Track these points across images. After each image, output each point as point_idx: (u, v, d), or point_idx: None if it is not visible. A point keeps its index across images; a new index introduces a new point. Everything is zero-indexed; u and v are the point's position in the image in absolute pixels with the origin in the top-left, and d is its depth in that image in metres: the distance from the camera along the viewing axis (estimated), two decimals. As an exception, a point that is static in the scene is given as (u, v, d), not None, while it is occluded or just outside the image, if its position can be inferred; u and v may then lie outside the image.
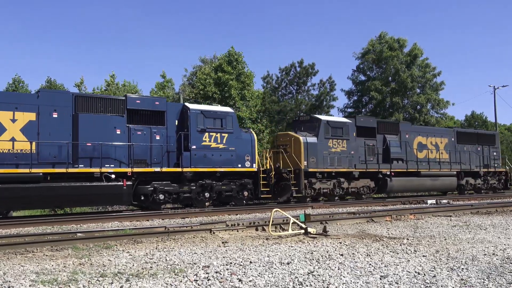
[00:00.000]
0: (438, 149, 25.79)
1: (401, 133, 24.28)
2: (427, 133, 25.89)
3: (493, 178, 28.70)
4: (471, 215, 14.48)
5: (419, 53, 41.88)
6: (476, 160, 27.56)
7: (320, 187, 20.72)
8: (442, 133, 26.87)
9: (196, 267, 6.42)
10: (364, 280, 5.59)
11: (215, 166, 17.77)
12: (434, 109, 42.69)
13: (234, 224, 11.17)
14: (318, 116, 21.84)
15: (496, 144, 29.84)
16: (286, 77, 43.86)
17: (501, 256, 7.15)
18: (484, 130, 33.72)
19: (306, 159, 20.20)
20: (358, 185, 22.11)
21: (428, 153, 25.16)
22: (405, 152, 23.91)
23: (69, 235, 10.15)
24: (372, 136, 22.98)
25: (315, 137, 20.77)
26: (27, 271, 6.31)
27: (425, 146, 25.21)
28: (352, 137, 21.94)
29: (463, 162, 26.70)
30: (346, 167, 21.44)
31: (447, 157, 26.10)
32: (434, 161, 25.34)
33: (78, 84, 36.45)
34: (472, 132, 29.32)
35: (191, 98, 32.22)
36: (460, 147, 27.02)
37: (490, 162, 28.62)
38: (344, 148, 21.56)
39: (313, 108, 41.46)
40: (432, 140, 25.77)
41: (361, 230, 10.67)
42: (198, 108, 18.10)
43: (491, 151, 29.10)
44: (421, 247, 8.02)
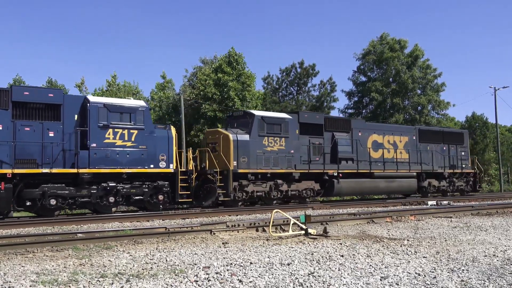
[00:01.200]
0: (397, 148, 24.02)
1: (353, 130, 22.48)
2: (384, 131, 24.06)
3: (460, 180, 26.94)
4: (471, 216, 14.47)
5: (420, 54, 41.88)
6: (440, 160, 25.80)
7: (253, 190, 18.84)
8: (402, 131, 25.02)
9: (197, 267, 6.41)
10: (365, 281, 5.59)
11: (121, 167, 15.78)
12: (435, 110, 42.68)
13: (235, 225, 11.17)
14: (252, 111, 20.00)
15: (464, 144, 28.05)
16: (286, 78, 43.89)
17: (502, 258, 7.14)
18: (451, 128, 31.04)
19: (236, 159, 18.28)
20: (300, 187, 20.22)
21: (384, 153, 23.35)
22: (355, 152, 22.14)
23: (69, 235, 10.15)
24: (318, 134, 21.20)
25: (247, 134, 18.81)
26: (27, 271, 6.31)
27: (381, 145, 23.43)
28: (294, 135, 20.09)
29: (425, 163, 24.94)
30: (284, 168, 19.51)
31: (407, 157, 24.32)
32: (391, 161, 23.57)
33: (78, 84, 36.49)
34: (437, 131, 27.39)
35: (192, 99, 32.24)
36: (422, 146, 25.32)
37: (457, 162, 26.88)
38: (283, 146, 19.63)
39: (314, 109, 41.45)
40: (389, 139, 23.96)
41: (361, 231, 10.66)
42: (101, 101, 16.14)
43: (459, 151, 27.32)
44: (421, 248, 8.01)
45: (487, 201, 21.99)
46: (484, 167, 54.31)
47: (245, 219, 14.00)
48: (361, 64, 43.95)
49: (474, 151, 54.52)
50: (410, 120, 40.82)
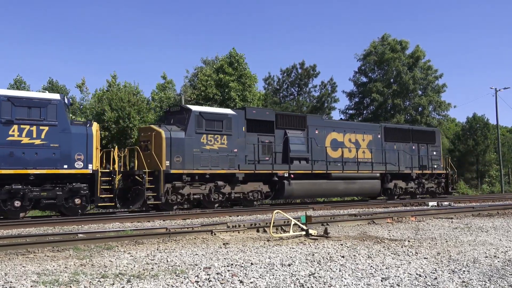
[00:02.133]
0: (359, 148, 22.45)
1: (308, 128, 20.89)
2: (345, 129, 22.45)
3: (431, 181, 25.40)
4: (472, 217, 14.46)
5: (422, 55, 41.87)
6: (408, 160, 24.25)
7: (190, 193, 17.31)
8: (366, 129, 23.41)
9: (197, 268, 6.42)
10: (365, 282, 5.58)
11: (28, 167, 14.21)
12: (436, 111, 42.68)
13: (235, 226, 11.17)
14: (189, 106, 18.47)
15: (436, 143, 26.39)
16: (287, 78, 43.90)
17: (503, 259, 7.14)
18: (421, 127, 28.97)
19: (169, 159, 16.75)
20: (246, 189, 18.64)
21: (344, 152, 21.78)
22: (310, 151, 20.55)
23: (70, 236, 10.16)
24: (268, 132, 19.61)
25: (183, 131, 17.31)
26: (28, 271, 6.32)
27: (341, 144, 21.85)
28: (239, 132, 18.54)
29: (391, 163, 23.42)
30: (226, 168, 17.96)
31: (371, 157, 22.81)
32: (352, 162, 21.99)
33: (79, 85, 36.49)
34: (405, 129, 25.73)
35: (192, 99, 32.26)
36: (388, 146, 23.75)
37: (428, 163, 25.33)
38: (224, 145, 18.08)
39: (314, 109, 41.46)
40: (351, 137, 22.42)
41: (362, 232, 10.66)
42: (4, 93, 14.55)
43: (430, 151, 25.75)
44: (422, 249, 8.01)
45: (488, 202, 21.97)
46: (485, 168, 54.51)
47: (246, 219, 14.01)
48: (362, 64, 43.97)
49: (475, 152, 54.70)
50: (411, 121, 40.72)
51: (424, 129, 27.56)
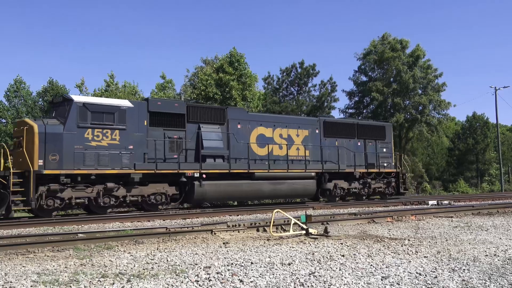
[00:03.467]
0: (292, 144, 20.29)
1: (229, 122, 18.80)
2: (275, 123, 20.22)
3: (379, 181, 23.11)
4: (472, 216, 14.46)
5: (422, 54, 41.85)
6: (351, 158, 22.09)
7: (71, 196, 15.13)
8: (301, 124, 21.16)
9: (197, 267, 6.41)
10: (365, 281, 5.58)
11: None
12: (436, 110, 42.69)
13: (235, 225, 11.17)
14: (72, 96, 15.89)
15: (387, 139, 24.10)
16: (287, 78, 43.92)
17: (503, 257, 7.13)
18: (370, 121, 26.72)
19: (43, 157, 14.55)
20: (146, 192, 16.52)
21: (273, 149, 19.71)
22: (229, 147, 18.49)
23: (70, 235, 10.16)
24: (178, 126, 17.56)
25: (62, 125, 15.08)
26: (28, 271, 6.31)
27: (269, 140, 19.71)
28: (138, 127, 16.45)
29: (331, 161, 21.41)
30: (118, 168, 15.74)
31: (307, 154, 20.68)
32: (283, 159, 19.87)
33: (79, 85, 36.49)
34: (349, 123, 23.22)
35: (192, 98, 32.25)
36: (328, 142, 21.64)
37: (376, 161, 23.16)
38: (116, 141, 15.84)
39: (314, 109, 41.47)
40: (282, 132, 20.23)
41: (362, 231, 10.66)
42: None
43: (379, 147, 23.52)
44: (422, 248, 8.00)
45: (488, 201, 21.98)
46: (485, 167, 54.61)
47: (246, 219, 14.01)
48: (362, 64, 43.95)
49: (474, 150, 54.84)
50: (411, 120, 40.72)
51: (372, 123, 24.97)
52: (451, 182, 50.65)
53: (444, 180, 52.90)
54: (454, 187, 46.49)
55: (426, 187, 42.94)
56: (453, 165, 56.63)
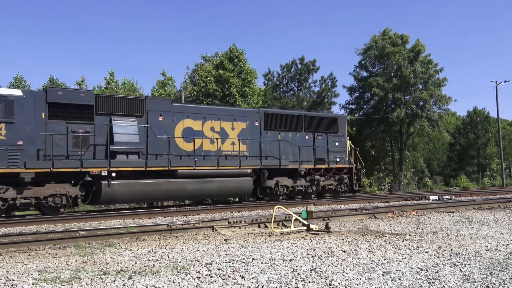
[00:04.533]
0: (227, 138, 18.59)
1: (148, 114, 16.98)
2: (206, 115, 18.36)
3: (329, 178, 21.28)
4: (473, 210, 14.46)
5: (422, 49, 41.72)
6: (295, 152, 20.29)
7: None
8: (237, 116, 19.27)
9: (199, 264, 6.42)
10: (367, 276, 5.58)
11: None
12: (437, 105, 42.60)
13: (236, 221, 11.18)
14: None
15: (339, 132, 22.14)
16: (287, 74, 43.84)
17: (504, 252, 7.13)
18: (319, 112, 24.01)
19: None
20: (42, 193, 14.77)
21: (203, 144, 17.96)
22: (146, 142, 16.67)
23: (71, 233, 10.17)
24: (85, 119, 15.76)
25: None
26: (30, 269, 6.32)
27: (198, 134, 17.94)
28: (33, 120, 14.75)
29: (273, 156, 19.73)
30: (4, 166, 14.07)
31: (245, 149, 18.98)
32: (215, 155, 18.13)
33: (79, 82, 36.49)
34: (294, 115, 21.10)
35: (193, 95, 32.24)
36: (270, 135, 19.84)
37: (327, 155, 21.35)
38: (2, 136, 14.24)
39: (315, 104, 41.41)
40: (214, 125, 18.45)
41: (363, 227, 10.66)
42: None
43: (331, 141, 21.65)
44: (423, 243, 8.00)
45: (489, 196, 21.97)
46: (486, 162, 54.59)
47: (247, 215, 14.02)
48: (362, 59, 43.81)
49: (475, 145, 54.81)
50: (412, 115, 40.65)
51: (323, 115, 23.06)
52: (452, 177, 50.64)
53: (445, 175, 52.90)
54: (455, 182, 46.48)
55: (427, 182, 42.94)
56: (454, 160, 56.62)
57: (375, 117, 40.41)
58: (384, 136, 42.97)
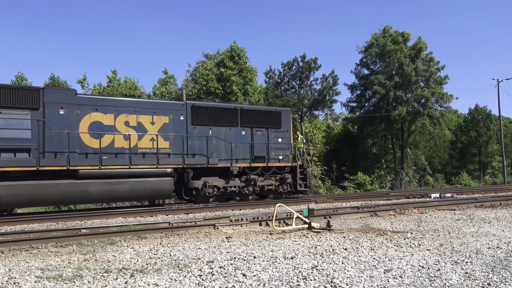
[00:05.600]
0: (145, 134, 16.91)
1: (46, 106, 15.21)
2: (119, 108, 16.52)
3: (269, 178, 19.53)
4: (475, 208, 14.45)
5: (424, 46, 41.66)
6: (228, 150, 18.54)
7: None
8: (158, 109, 17.49)
9: (200, 262, 6.43)
10: (368, 274, 5.59)
11: None
12: (438, 103, 42.55)
13: (238, 219, 11.19)
14: None
15: (283, 127, 20.32)
16: (288, 72, 43.79)
17: (506, 249, 7.13)
18: (260, 105, 21.69)
19: None
20: None
21: (114, 140, 16.23)
22: (38, 138, 14.97)
23: (73, 231, 10.20)
24: None
25: None
26: (32, 267, 6.34)
27: (109, 129, 16.19)
28: None
29: (201, 153, 17.95)
30: None
31: (167, 146, 17.38)
32: (128, 153, 16.38)
33: (81, 80, 36.52)
34: (229, 108, 19.34)
35: (194, 93, 32.24)
36: (198, 131, 18.10)
37: (268, 153, 19.60)
38: None
39: (316, 102, 41.37)
40: (130, 119, 16.68)
41: (365, 224, 10.67)
42: None
43: (273, 137, 19.91)
44: (425, 241, 8.00)
45: (490, 193, 21.95)
46: (487, 159, 54.52)
47: (249, 213, 14.03)
48: (363, 57, 43.78)
49: (477, 143, 54.70)
50: (413, 113, 40.60)
51: (262, 108, 21.07)
52: (453, 175, 50.59)
53: (446, 173, 52.86)
54: (456, 180, 46.44)
55: (428, 180, 42.90)
56: (456, 158, 56.55)
57: (377, 115, 40.38)
58: (385, 134, 42.96)
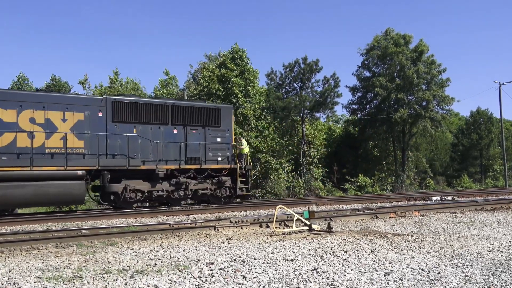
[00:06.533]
0: (54, 132, 15.35)
1: None
2: (22, 103, 15.06)
3: (203, 181, 18.03)
4: (476, 211, 14.43)
5: (425, 49, 41.63)
6: (154, 150, 17.08)
7: None
8: (71, 105, 15.86)
9: (200, 263, 6.42)
10: (368, 276, 5.58)
11: None
12: (439, 106, 42.50)
13: (238, 221, 11.19)
14: None
15: (223, 125, 18.77)
16: (290, 73, 43.78)
17: (506, 253, 7.11)
18: (196, 102, 20.19)
19: None
20: None
21: (17, 139, 14.77)
22: None
23: (74, 232, 10.20)
24: None
25: None
26: (32, 267, 6.34)
27: (10, 126, 14.76)
28: None
29: (122, 154, 16.49)
30: None
31: (82, 145, 15.81)
32: (34, 153, 14.90)
33: (82, 81, 36.58)
34: (157, 104, 17.66)
35: (195, 95, 32.26)
36: (121, 129, 16.62)
37: (205, 154, 18.09)
38: None
39: (317, 104, 41.35)
40: (36, 116, 15.17)
41: (365, 227, 10.65)
42: None
43: (210, 136, 18.41)
44: (425, 244, 7.99)
45: (491, 196, 21.92)
46: (489, 162, 54.44)
47: (249, 215, 14.02)
48: (365, 59, 43.75)
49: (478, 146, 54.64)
50: (415, 115, 40.56)
51: (198, 105, 18.93)
52: (454, 177, 50.51)
53: (447, 176, 52.77)
54: (457, 182, 46.37)
55: (429, 182, 42.83)
56: (457, 161, 56.48)
57: (378, 117, 40.35)
58: (386, 136, 42.92)
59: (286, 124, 38.93)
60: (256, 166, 30.58)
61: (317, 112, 40.07)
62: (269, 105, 36.43)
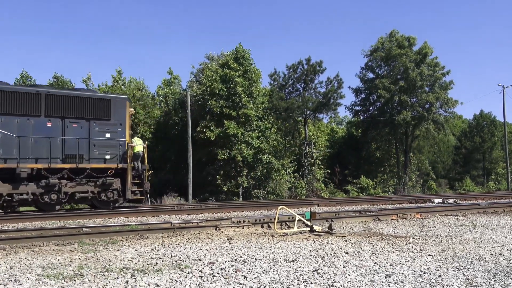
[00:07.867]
0: None
1: None
2: None
3: (84, 183, 15.92)
4: (478, 214, 14.39)
5: (429, 51, 41.56)
6: (19, 146, 14.97)
7: None
8: None
9: (201, 263, 6.43)
10: (369, 278, 5.57)
11: None
12: (443, 108, 42.41)
13: (240, 221, 11.19)
14: None
15: (114, 119, 16.58)
16: (293, 74, 43.77)
17: (508, 256, 7.09)
18: (77, 91, 16.86)
19: None
20: None
21: None
22: None
23: (75, 230, 10.23)
24: None
25: None
26: (33, 265, 6.35)
27: None
28: None
29: None
30: None
31: None
32: None
33: (85, 80, 36.60)
34: (26, 92, 15.38)
35: (198, 95, 32.28)
36: None
37: (89, 151, 16.02)
38: None
39: (320, 105, 41.34)
40: None
41: (367, 229, 10.64)
42: None
43: (97, 131, 16.30)
44: (427, 246, 7.97)
45: (494, 200, 21.86)
46: (491, 166, 54.29)
47: (251, 215, 14.02)
48: (369, 61, 43.70)
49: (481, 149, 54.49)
50: (418, 118, 40.49)
51: (81, 95, 16.45)
52: (457, 180, 50.41)
53: (450, 179, 52.66)
54: (460, 185, 46.27)
55: (432, 185, 42.76)
56: (460, 164, 56.35)
57: (381, 119, 40.28)
58: (389, 138, 42.84)
59: (288, 125, 38.92)
60: (258, 167, 30.58)
61: (320, 113, 40.05)
62: (272, 105, 36.43)
